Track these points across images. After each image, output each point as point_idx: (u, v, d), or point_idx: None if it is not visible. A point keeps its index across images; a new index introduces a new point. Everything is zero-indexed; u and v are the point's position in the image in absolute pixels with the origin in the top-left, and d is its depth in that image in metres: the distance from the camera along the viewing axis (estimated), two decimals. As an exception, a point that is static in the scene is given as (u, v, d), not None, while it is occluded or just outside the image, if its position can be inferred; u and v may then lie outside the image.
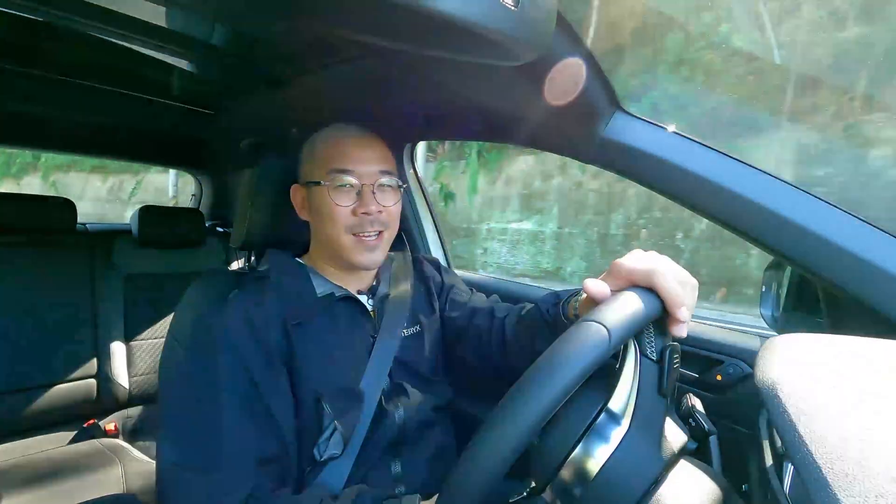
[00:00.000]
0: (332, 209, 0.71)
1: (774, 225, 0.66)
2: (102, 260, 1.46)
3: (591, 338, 0.40)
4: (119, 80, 1.25)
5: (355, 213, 0.71)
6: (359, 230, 0.71)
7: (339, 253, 0.73)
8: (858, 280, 0.62)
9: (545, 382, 0.38)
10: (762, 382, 0.41)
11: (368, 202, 0.71)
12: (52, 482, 1.14)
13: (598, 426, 0.43)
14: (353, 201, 0.71)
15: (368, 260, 0.74)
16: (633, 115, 0.77)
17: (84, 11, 0.82)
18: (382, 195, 0.73)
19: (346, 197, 0.71)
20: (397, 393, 0.75)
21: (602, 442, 0.43)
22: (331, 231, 0.72)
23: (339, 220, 0.71)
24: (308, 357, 0.67)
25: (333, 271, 0.77)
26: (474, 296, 0.89)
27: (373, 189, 0.72)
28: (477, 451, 0.38)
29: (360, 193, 0.71)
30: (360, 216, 0.71)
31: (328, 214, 0.71)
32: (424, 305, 0.86)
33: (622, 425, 0.43)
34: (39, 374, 1.32)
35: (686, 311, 0.47)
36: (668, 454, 0.45)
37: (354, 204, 0.71)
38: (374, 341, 0.74)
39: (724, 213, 0.71)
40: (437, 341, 0.85)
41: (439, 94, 0.93)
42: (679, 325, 0.47)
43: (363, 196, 0.71)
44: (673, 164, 0.72)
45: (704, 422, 0.57)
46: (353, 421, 0.68)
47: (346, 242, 0.72)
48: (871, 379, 0.41)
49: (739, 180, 0.69)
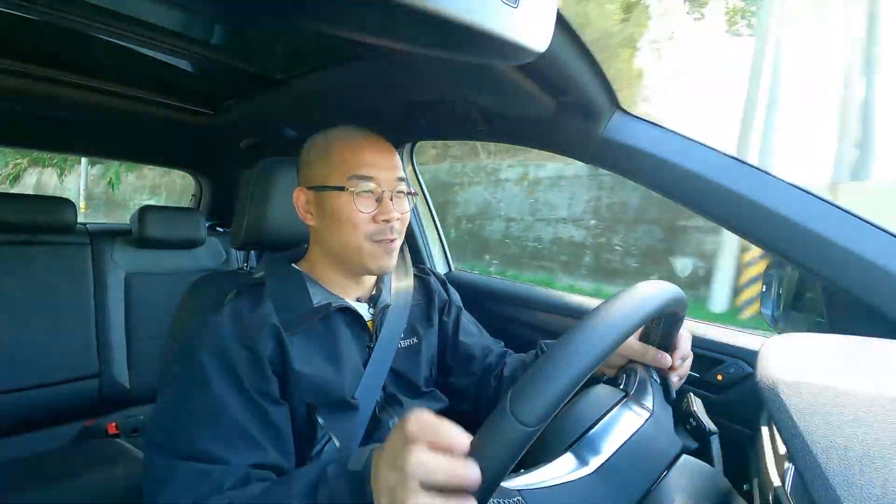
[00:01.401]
0: (353, 215, 0.69)
1: (774, 224, 0.66)
2: (102, 260, 1.46)
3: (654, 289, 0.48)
4: (119, 80, 1.25)
5: (375, 220, 0.70)
6: (379, 237, 0.71)
7: (355, 260, 0.72)
8: (858, 280, 0.62)
9: (627, 308, 0.44)
10: (763, 382, 0.41)
11: (389, 209, 0.70)
12: (52, 482, 1.14)
13: (624, 406, 0.51)
14: (373, 208, 0.70)
15: (386, 265, 0.73)
16: (632, 115, 0.78)
17: (84, 11, 0.82)
18: (399, 202, 0.73)
19: (367, 203, 0.70)
20: (391, 403, 0.74)
21: (628, 417, 0.50)
22: (348, 237, 0.71)
23: (361, 227, 0.70)
24: (302, 367, 0.66)
25: (335, 279, 0.75)
26: (484, 334, 0.93)
27: (391, 196, 0.71)
28: (556, 355, 0.40)
29: (379, 200, 0.71)
30: (381, 223, 0.70)
31: (347, 221, 0.70)
32: (423, 317, 0.86)
33: (641, 416, 0.50)
34: (39, 374, 1.32)
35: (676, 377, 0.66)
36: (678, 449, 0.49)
37: (375, 211, 0.70)
38: (370, 352, 0.74)
39: (725, 213, 0.71)
40: (434, 354, 0.85)
41: (439, 94, 0.93)
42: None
43: (383, 203, 0.71)
44: (673, 164, 0.72)
45: (705, 422, 0.57)
46: (347, 432, 0.67)
47: (366, 249, 0.71)
48: (871, 379, 0.41)
49: (739, 180, 0.69)
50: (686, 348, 0.66)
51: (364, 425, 0.69)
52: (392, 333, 0.76)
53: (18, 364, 1.29)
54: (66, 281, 1.39)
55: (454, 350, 0.88)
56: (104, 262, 1.46)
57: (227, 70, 1.14)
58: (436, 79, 0.81)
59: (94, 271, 1.44)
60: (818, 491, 0.31)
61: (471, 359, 0.87)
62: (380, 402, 0.73)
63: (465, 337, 0.88)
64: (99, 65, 1.16)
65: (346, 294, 0.76)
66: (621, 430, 0.48)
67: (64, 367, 1.35)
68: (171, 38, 0.95)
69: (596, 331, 0.41)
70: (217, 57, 1.05)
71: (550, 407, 0.37)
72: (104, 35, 0.92)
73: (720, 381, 0.84)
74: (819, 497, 0.31)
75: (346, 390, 0.69)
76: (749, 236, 0.70)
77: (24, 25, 0.92)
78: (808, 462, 0.32)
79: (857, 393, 0.38)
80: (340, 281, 0.76)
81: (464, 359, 0.88)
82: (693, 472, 0.48)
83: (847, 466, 0.31)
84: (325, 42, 0.86)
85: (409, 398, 0.76)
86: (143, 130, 1.57)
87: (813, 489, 0.31)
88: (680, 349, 0.65)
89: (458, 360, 0.87)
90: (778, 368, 0.42)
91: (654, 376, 0.62)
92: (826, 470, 0.31)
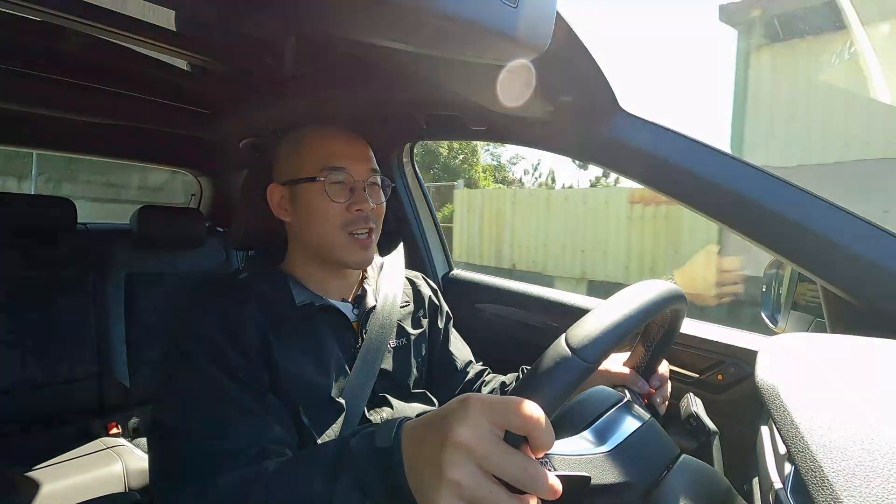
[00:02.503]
0: (326, 206, 0.70)
1: (774, 224, 0.66)
2: (102, 260, 1.46)
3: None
4: (119, 80, 1.24)
5: (349, 210, 0.71)
6: (353, 227, 0.71)
7: (331, 253, 0.72)
8: (858, 280, 0.62)
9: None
10: (763, 382, 0.41)
11: (362, 199, 0.71)
12: (53, 481, 1.14)
13: (625, 406, 0.53)
14: (346, 198, 0.71)
15: (362, 258, 0.73)
16: (633, 115, 0.77)
17: (84, 11, 0.82)
18: (373, 193, 0.74)
19: (340, 194, 0.71)
20: (381, 404, 0.74)
21: (631, 416, 0.51)
22: (322, 229, 0.71)
23: (334, 217, 0.71)
24: (287, 368, 0.65)
25: (316, 276, 0.75)
26: (467, 349, 0.95)
27: (364, 187, 0.72)
28: (612, 303, 0.45)
29: (352, 191, 0.72)
30: (354, 213, 0.71)
31: (321, 211, 0.71)
32: (412, 320, 0.86)
33: (641, 418, 0.52)
34: (40, 374, 1.32)
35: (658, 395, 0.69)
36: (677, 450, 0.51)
37: (348, 201, 0.71)
38: (356, 352, 0.74)
39: (725, 213, 0.71)
40: (423, 357, 0.85)
41: (439, 94, 0.93)
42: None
43: (356, 193, 0.72)
44: (673, 164, 0.72)
45: (705, 422, 0.57)
46: (333, 434, 0.67)
47: (340, 240, 0.71)
48: (872, 379, 0.41)
49: (740, 180, 0.69)
50: (664, 371, 0.71)
51: (352, 426, 0.69)
52: (380, 336, 0.76)
53: (18, 364, 1.29)
54: (66, 281, 1.39)
55: (441, 358, 0.89)
56: (104, 262, 1.46)
57: (226, 70, 1.14)
58: (436, 79, 0.81)
59: (94, 271, 1.44)
60: (818, 491, 0.31)
61: (454, 370, 0.89)
62: (368, 403, 0.73)
63: (453, 347, 0.90)
64: (99, 65, 1.16)
65: (329, 293, 0.76)
66: (626, 425, 0.50)
67: (64, 367, 1.35)
68: (170, 38, 0.95)
69: (639, 295, 0.47)
70: (217, 57, 1.05)
71: (607, 345, 0.40)
72: (104, 35, 0.92)
73: (720, 381, 0.84)
74: (819, 497, 0.31)
75: (331, 391, 0.69)
76: (749, 236, 0.70)
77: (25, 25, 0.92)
78: (808, 462, 0.32)
79: (857, 393, 0.38)
80: (322, 278, 0.76)
81: (448, 369, 0.89)
82: (693, 472, 0.48)
83: (847, 466, 0.31)
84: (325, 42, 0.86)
85: (398, 399, 0.76)
86: (142, 130, 1.57)
87: (813, 489, 0.31)
88: (659, 372, 0.70)
89: (442, 369, 0.89)
90: (778, 368, 0.42)
91: (639, 398, 0.65)
92: (826, 470, 0.31)
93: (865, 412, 0.35)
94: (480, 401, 0.35)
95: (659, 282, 0.51)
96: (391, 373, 0.77)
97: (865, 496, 0.29)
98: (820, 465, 0.32)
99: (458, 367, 0.89)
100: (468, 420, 0.34)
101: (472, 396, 0.36)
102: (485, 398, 0.35)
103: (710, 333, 0.87)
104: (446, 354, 0.89)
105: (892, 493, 0.29)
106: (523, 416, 0.33)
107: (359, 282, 0.81)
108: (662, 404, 0.69)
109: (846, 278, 0.63)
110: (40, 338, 1.32)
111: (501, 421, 0.34)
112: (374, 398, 0.74)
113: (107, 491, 1.13)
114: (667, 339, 0.64)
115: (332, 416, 0.68)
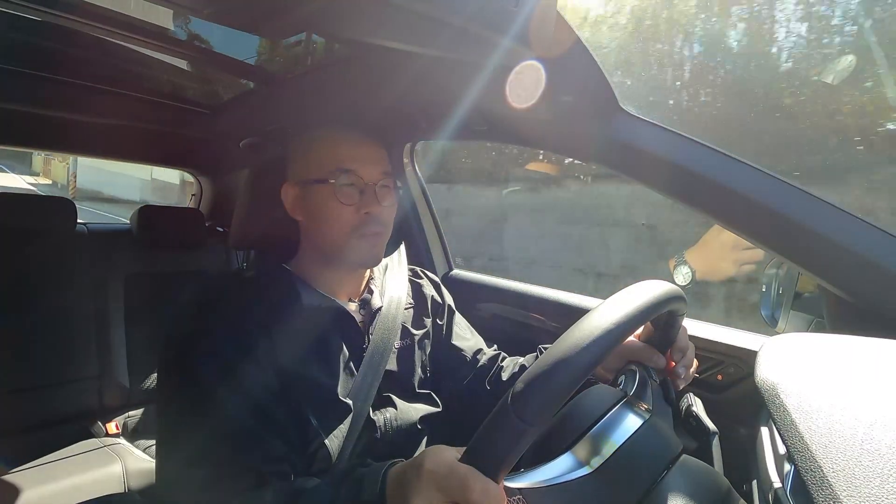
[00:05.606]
0: (337, 208, 0.70)
1: (775, 224, 0.66)
2: (102, 260, 1.46)
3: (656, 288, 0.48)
4: (119, 80, 1.24)
5: (359, 213, 0.71)
6: (363, 230, 0.71)
7: (340, 253, 0.72)
8: (858, 280, 0.62)
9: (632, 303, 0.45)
10: (762, 382, 0.41)
11: (373, 201, 0.71)
12: (53, 481, 1.14)
13: (624, 406, 0.51)
14: (357, 201, 0.71)
15: (371, 259, 0.74)
16: (633, 115, 0.78)
17: (84, 12, 0.82)
18: (384, 195, 0.74)
19: (351, 196, 0.71)
20: (385, 405, 0.74)
21: (628, 417, 0.50)
22: (333, 230, 0.71)
23: (344, 220, 0.71)
24: (293, 366, 0.66)
25: (325, 276, 0.75)
26: (476, 336, 0.93)
27: (375, 189, 0.72)
28: (557, 352, 0.40)
29: (363, 193, 0.71)
30: (364, 215, 0.71)
31: (332, 213, 0.71)
32: (417, 319, 0.86)
33: (641, 416, 0.50)
34: (40, 374, 1.32)
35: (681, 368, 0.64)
36: (678, 449, 0.50)
37: (358, 204, 0.71)
38: (363, 353, 0.74)
39: (725, 213, 0.71)
40: (427, 356, 0.85)
41: (439, 94, 0.93)
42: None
43: (366, 195, 0.71)
44: (673, 164, 0.72)
45: (705, 422, 0.57)
46: (340, 434, 0.67)
47: (351, 243, 0.71)
48: (871, 379, 0.41)
49: (740, 180, 0.69)
50: (684, 340, 0.64)
51: (358, 427, 0.69)
52: (385, 337, 0.76)
53: (19, 365, 1.29)
54: (66, 281, 1.39)
55: (446, 354, 0.88)
56: (104, 262, 1.46)
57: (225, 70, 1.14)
58: (436, 79, 0.81)
59: (94, 272, 1.44)
60: (818, 491, 0.31)
61: (462, 363, 0.88)
62: (373, 404, 0.73)
63: (457, 340, 0.89)
64: (99, 65, 1.16)
65: (336, 293, 0.76)
66: (621, 431, 0.48)
67: (64, 367, 1.35)
68: (170, 38, 0.95)
69: (597, 329, 0.41)
70: (216, 57, 1.05)
71: (552, 405, 0.37)
72: (104, 35, 0.92)
73: (720, 381, 0.84)
74: (819, 497, 0.31)
75: (337, 391, 0.69)
76: (749, 236, 0.70)
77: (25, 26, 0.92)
78: (808, 462, 0.32)
79: (856, 393, 0.38)
80: (330, 277, 0.76)
81: (455, 363, 0.88)
82: (693, 472, 0.48)
83: (847, 466, 0.31)
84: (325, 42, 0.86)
85: (403, 400, 0.76)
86: (143, 130, 1.57)
87: (813, 489, 0.31)
88: (677, 343, 0.63)
89: (450, 363, 0.88)
90: (778, 368, 0.42)
91: (653, 376, 0.62)
92: (826, 470, 0.31)
93: (865, 412, 0.35)
94: (433, 473, 0.40)
95: (624, 298, 0.45)
96: (396, 374, 0.77)
97: (865, 496, 0.29)
98: (819, 465, 0.32)
99: (466, 359, 0.88)
100: (421, 494, 0.40)
101: (425, 464, 0.41)
102: (438, 469, 0.40)
103: (710, 333, 0.87)
104: (451, 349, 0.88)
105: (892, 493, 0.29)
106: (470, 490, 0.37)
107: (365, 283, 0.81)
108: (684, 380, 0.63)
109: (846, 278, 0.63)
110: (40, 338, 1.32)
111: (450, 495, 0.39)
112: (379, 398, 0.74)
113: (106, 491, 1.12)
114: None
115: (340, 417, 0.68)
